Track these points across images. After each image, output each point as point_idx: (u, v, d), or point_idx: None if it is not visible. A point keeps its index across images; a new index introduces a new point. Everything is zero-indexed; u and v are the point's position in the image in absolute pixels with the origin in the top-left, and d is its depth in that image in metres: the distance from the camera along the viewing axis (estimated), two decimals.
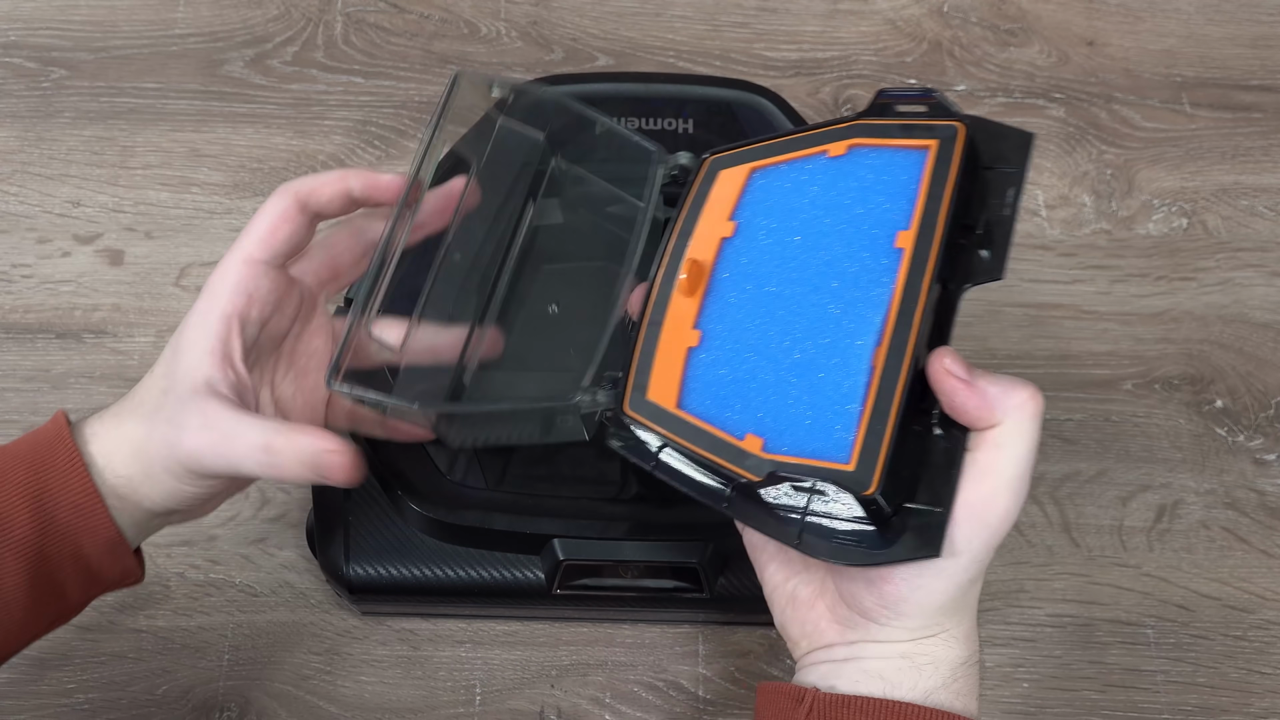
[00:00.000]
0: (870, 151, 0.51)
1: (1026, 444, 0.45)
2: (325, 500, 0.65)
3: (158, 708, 0.66)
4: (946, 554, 0.45)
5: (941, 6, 0.90)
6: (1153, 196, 0.82)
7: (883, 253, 0.49)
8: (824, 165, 0.52)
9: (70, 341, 0.76)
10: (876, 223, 0.50)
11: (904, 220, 0.49)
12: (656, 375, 0.52)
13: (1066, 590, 0.70)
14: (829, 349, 0.49)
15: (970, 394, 0.45)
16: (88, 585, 0.53)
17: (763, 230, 0.53)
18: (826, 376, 0.49)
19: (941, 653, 0.47)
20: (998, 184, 0.49)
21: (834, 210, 0.51)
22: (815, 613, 0.49)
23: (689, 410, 0.51)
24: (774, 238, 0.52)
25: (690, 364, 0.52)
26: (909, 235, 0.49)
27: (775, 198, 0.53)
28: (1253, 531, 0.72)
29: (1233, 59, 0.88)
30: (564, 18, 0.89)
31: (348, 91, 0.85)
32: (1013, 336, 0.77)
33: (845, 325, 0.49)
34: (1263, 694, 0.68)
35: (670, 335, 0.53)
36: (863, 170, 0.51)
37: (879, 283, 0.49)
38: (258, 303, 0.52)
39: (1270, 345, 0.78)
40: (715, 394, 0.51)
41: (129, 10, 0.88)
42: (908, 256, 0.48)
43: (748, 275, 0.52)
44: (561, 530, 0.62)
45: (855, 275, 0.50)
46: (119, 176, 0.82)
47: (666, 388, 0.52)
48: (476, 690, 0.67)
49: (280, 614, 0.69)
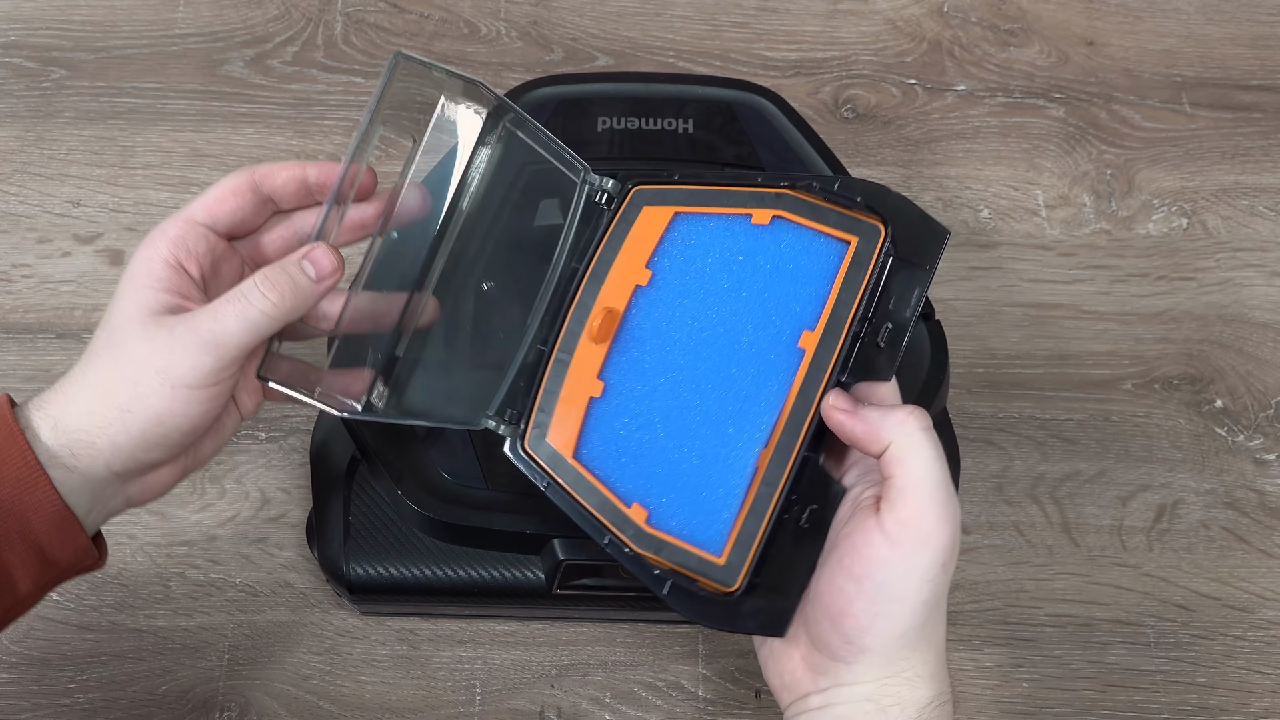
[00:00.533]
0: (793, 230, 0.52)
1: (924, 455, 0.47)
2: (325, 500, 0.65)
3: (158, 708, 0.66)
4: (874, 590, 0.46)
5: (941, 6, 0.90)
6: (1153, 196, 0.82)
7: (786, 349, 0.51)
8: (747, 231, 0.52)
9: (70, 341, 0.76)
10: (785, 316, 0.51)
11: (811, 320, 0.51)
12: (558, 418, 0.54)
13: (1066, 590, 0.70)
14: (721, 439, 0.51)
15: (856, 422, 0.48)
16: (40, 570, 0.50)
17: (677, 288, 0.53)
18: (715, 466, 0.51)
19: (907, 694, 0.47)
20: (907, 282, 0.51)
21: (748, 286, 0.52)
22: (792, 662, 0.50)
23: (584, 461, 0.53)
24: (688, 299, 0.53)
25: (591, 413, 0.53)
26: (813, 337, 0.50)
27: (694, 254, 0.53)
28: (1253, 531, 0.72)
29: (1233, 59, 0.88)
30: (564, 18, 0.89)
31: (348, 91, 0.85)
32: (1013, 336, 0.77)
33: (740, 418, 0.51)
34: (1263, 694, 0.68)
35: (575, 378, 0.54)
36: (783, 249, 0.52)
37: (777, 381, 0.51)
38: (195, 258, 0.52)
39: (1270, 345, 0.78)
40: (611, 450, 0.53)
41: (129, 10, 0.88)
42: (807, 361, 0.50)
43: (657, 333, 0.53)
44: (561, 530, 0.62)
45: (757, 368, 0.51)
46: (119, 176, 0.82)
47: (566, 433, 0.53)
48: (476, 690, 0.67)
49: (280, 614, 0.69)
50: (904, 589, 0.46)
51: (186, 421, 0.50)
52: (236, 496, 0.71)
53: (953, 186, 0.82)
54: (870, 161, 0.83)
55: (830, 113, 0.85)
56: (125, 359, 0.49)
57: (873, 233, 0.51)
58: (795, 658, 0.50)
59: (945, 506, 0.46)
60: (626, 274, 0.54)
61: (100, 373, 0.50)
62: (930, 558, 0.46)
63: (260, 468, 0.72)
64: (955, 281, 0.79)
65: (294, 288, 0.50)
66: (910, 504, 0.46)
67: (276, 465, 0.72)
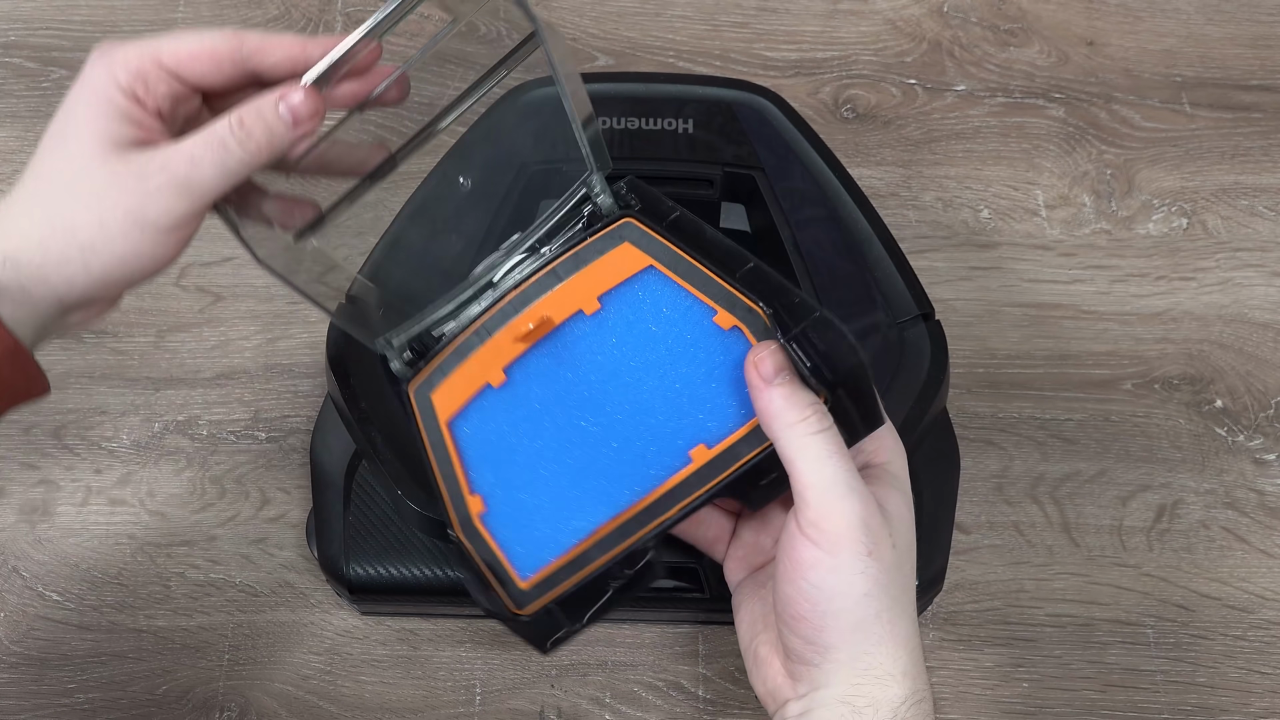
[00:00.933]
0: (746, 348, 0.50)
1: (810, 457, 0.47)
2: (325, 500, 0.65)
3: (158, 708, 0.66)
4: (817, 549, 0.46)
5: (941, 6, 0.90)
6: (1153, 196, 0.82)
7: (677, 450, 0.51)
8: (704, 323, 0.51)
9: (70, 341, 0.76)
10: (695, 420, 0.51)
11: (712, 439, 0.50)
12: (450, 383, 0.54)
13: (1066, 590, 0.70)
14: (580, 488, 0.52)
15: (758, 397, 0.48)
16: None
17: (616, 333, 0.53)
18: (563, 506, 0.52)
19: (879, 693, 0.47)
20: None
21: (680, 372, 0.52)
22: (773, 669, 0.50)
23: (454, 434, 0.53)
24: (621, 349, 0.52)
25: (481, 397, 0.53)
26: (704, 455, 0.50)
27: (647, 312, 0.52)
28: (1253, 531, 0.72)
29: (1233, 59, 0.88)
30: (564, 18, 0.89)
31: None
32: (1013, 336, 0.78)
33: (607, 481, 0.51)
34: (1263, 694, 0.68)
35: (484, 358, 0.54)
36: (728, 358, 0.51)
37: (654, 471, 0.51)
38: (154, 97, 0.48)
39: (1270, 345, 0.78)
40: (481, 438, 0.53)
41: (129, 10, 0.88)
42: (686, 472, 0.51)
43: (576, 364, 0.53)
44: None
45: (646, 448, 0.51)
46: None
47: (450, 400, 0.54)
48: (476, 690, 0.67)
49: (280, 614, 0.69)
50: (838, 583, 0.46)
51: (151, 263, 0.48)
52: (236, 496, 0.71)
53: (953, 186, 0.83)
54: (870, 161, 0.83)
55: (830, 113, 0.85)
56: (89, 193, 0.46)
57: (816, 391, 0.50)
58: (775, 665, 0.50)
59: (845, 502, 0.46)
60: (577, 294, 0.53)
61: (58, 205, 0.47)
62: (850, 551, 0.46)
63: (260, 468, 0.72)
64: (955, 281, 0.79)
65: (269, 134, 0.47)
66: (811, 505, 0.47)
67: (276, 465, 0.72)
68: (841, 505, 0.46)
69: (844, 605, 0.47)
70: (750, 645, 0.52)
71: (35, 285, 0.47)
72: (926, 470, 0.66)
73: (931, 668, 0.68)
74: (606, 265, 0.52)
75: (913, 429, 0.63)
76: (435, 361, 0.54)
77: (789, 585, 0.47)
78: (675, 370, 0.51)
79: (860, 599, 0.47)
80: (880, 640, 0.47)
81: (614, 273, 0.52)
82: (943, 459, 0.68)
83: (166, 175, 0.46)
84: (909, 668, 0.48)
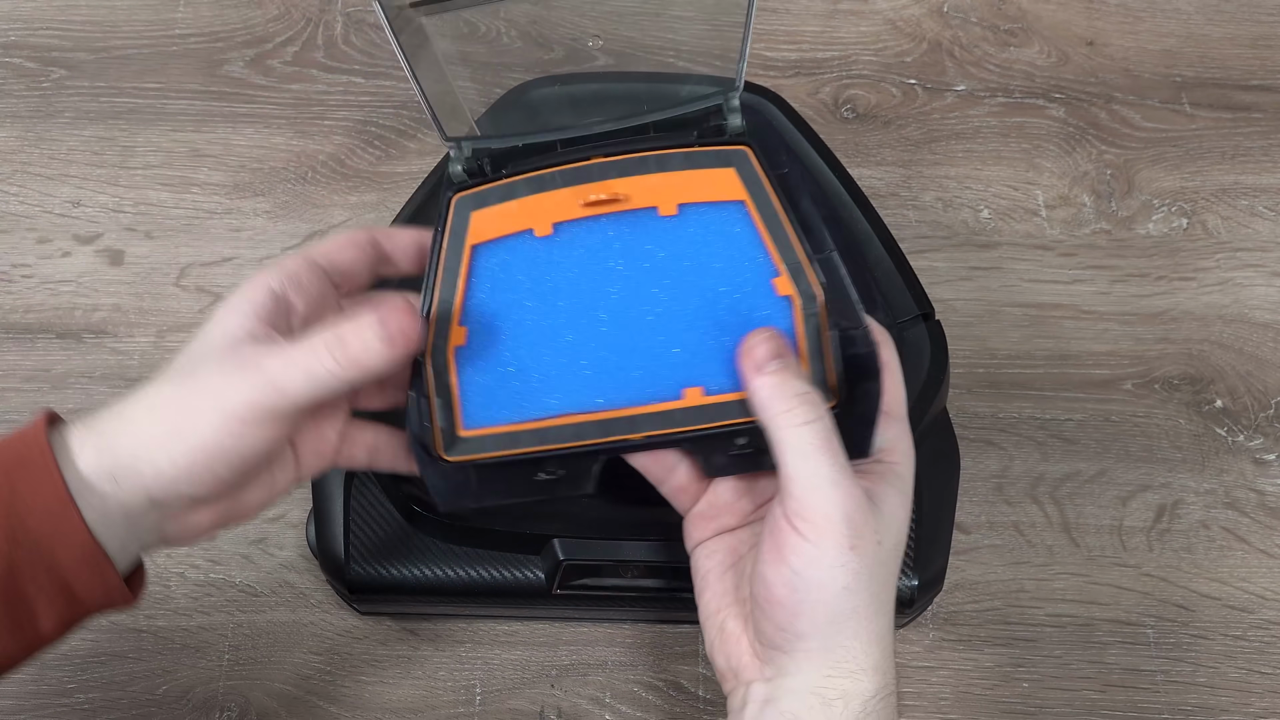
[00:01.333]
0: (790, 317, 0.50)
1: (796, 449, 0.47)
2: (325, 500, 0.65)
3: (158, 708, 0.66)
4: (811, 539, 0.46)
5: (941, 6, 0.90)
6: (1153, 196, 0.82)
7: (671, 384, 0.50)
8: (763, 284, 0.50)
9: (70, 341, 0.76)
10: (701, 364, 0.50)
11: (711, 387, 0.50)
12: (496, 211, 0.52)
13: (1066, 590, 0.70)
14: (567, 372, 0.50)
15: (746, 382, 0.48)
16: (66, 607, 0.47)
17: (675, 250, 0.51)
18: (541, 382, 0.50)
19: (850, 686, 0.47)
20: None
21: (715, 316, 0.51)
22: (740, 646, 0.50)
23: (474, 259, 0.51)
24: (670, 266, 0.51)
25: (517, 238, 0.51)
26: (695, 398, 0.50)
27: (714, 244, 0.51)
28: (1253, 531, 0.72)
29: (1233, 59, 0.88)
30: (564, 18, 0.89)
31: (348, 91, 0.85)
32: (1013, 336, 0.77)
33: (596, 377, 0.50)
34: (1262, 694, 0.68)
35: (543, 203, 0.51)
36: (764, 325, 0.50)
37: (644, 389, 0.50)
38: (304, 295, 0.50)
39: (1270, 345, 0.78)
40: (495, 277, 0.51)
41: (129, 10, 0.88)
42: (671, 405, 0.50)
43: (623, 256, 0.51)
44: (561, 530, 0.62)
45: (646, 366, 0.50)
46: (119, 176, 0.82)
47: (487, 226, 0.51)
48: (476, 690, 0.67)
49: (280, 614, 0.69)
50: (817, 573, 0.47)
51: (235, 458, 0.47)
52: None
53: (953, 186, 0.82)
54: (870, 161, 0.83)
55: (830, 113, 0.85)
56: (190, 380, 0.47)
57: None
58: (744, 644, 0.50)
59: (828, 496, 0.46)
60: (662, 191, 0.50)
61: (161, 392, 0.47)
62: (833, 544, 0.46)
63: None
64: (955, 281, 0.79)
65: (364, 351, 0.47)
66: (796, 496, 0.47)
67: None
68: (824, 499, 0.46)
69: (822, 597, 0.47)
70: (716, 617, 0.52)
71: (125, 474, 0.46)
72: (926, 470, 0.66)
73: (931, 668, 0.68)
74: (703, 179, 0.51)
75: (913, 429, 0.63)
76: (493, 184, 0.52)
77: (770, 569, 0.47)
78: (713, 309, 0.50)
79: (840, 592, 0.47)
80: (855, 634, 0.47)
81: (707, 189, 0.50)
82: (943, 459, 0.68)
83: (259, 369, 0.46)
84: (880, 662, 0.48)
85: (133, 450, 0.46)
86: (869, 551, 0.47)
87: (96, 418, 0.47)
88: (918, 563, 0.64)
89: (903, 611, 0.65)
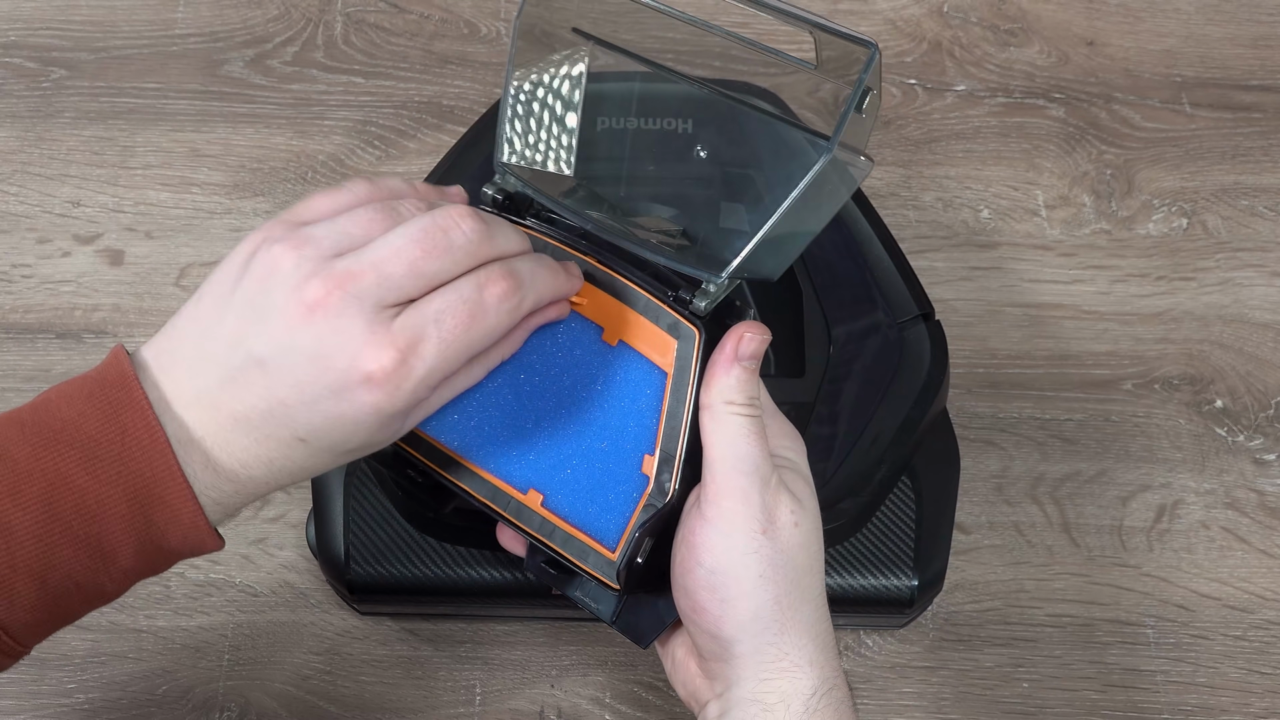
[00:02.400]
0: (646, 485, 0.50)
1: (724, 431, 0.47)
2: (325, 500, 0.65)
3: (158, 708, 0.66)
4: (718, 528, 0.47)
5: (941, 6, 0.90)
6: (1153, 196, 0.82)
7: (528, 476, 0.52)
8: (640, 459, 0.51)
9: (70, 341, 0.76)
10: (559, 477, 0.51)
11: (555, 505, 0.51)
12: None
13: (1066, 590, 0.70)
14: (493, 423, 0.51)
15: (717, 363, 0.48)
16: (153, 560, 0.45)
17: (598, 375, 0.52)
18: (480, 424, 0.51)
19: (789, 686, 0.47)
20: None
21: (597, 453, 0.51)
22: (690, 671, 0.51)
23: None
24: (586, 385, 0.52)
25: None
26: (534, 501, 0.51)
27: (625, 392, 0.51)
28: (1253, 531, 0.72)
29: (1233, 59, 0.88)
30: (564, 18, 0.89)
31: (348, 91, 0.85)
32: (1013, 336, 0.77)
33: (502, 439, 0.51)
34: (1263, 694, 0.68)
35: None
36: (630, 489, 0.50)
37: (519, 471, 0.51)
38: None
39: (1270, 345, 0.78)
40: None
41: (129, 10, 0.88)
42: (519, 497, 0.51)
43: (561, 351, 0.52)
44: None
45: (529, 448, 0.51)
46: (119, 176, 0.82)
47: None
48: (476, 690, 0.67)
49: (280, 614, 0.69)
50: (729, 565, 0.47)
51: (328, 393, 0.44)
52: None
53: (953, 186, 0.83)
54: None
55: (830, 112, 0.85)
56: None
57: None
58: (693, 666, 0.51)
59: (747, 479, 0.47)
60: (615, 320, 0.52)
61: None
62: (743, 527, 0.47)
63: None
64: (955, 281, 0.79)
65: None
66: (714, 481, 0.47)
67: None
68: (742, 481, 0.47)
69: (739, 590, 0.47)
70: (668, 648, 0.52)
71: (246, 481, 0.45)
72: (926, 470, 0.66)
73: (931, 668, 0.68)
74: (650, 333, 0.51)
75: (913, 429, 0.63)
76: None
77: (688, 576, 0.47)
78: (583, 440, 0.51)
79: (756, 581, 0.47)
80: (783, 629, 0.47)
81: (647, 344, 0.51)
82: (943, 459, 0.68)
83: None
84: (815, 656, 0.48)
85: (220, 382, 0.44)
86: (783, 537, 0.47)
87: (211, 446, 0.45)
88: (918, 563, 0.64)
89: (903, 611, 0.66)
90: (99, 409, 0.44)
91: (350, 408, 0.43)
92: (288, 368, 0.43)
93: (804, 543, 0.48)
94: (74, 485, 0.43)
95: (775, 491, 0.48)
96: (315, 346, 0.42)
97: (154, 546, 0.44)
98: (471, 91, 0.85)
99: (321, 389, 0.43)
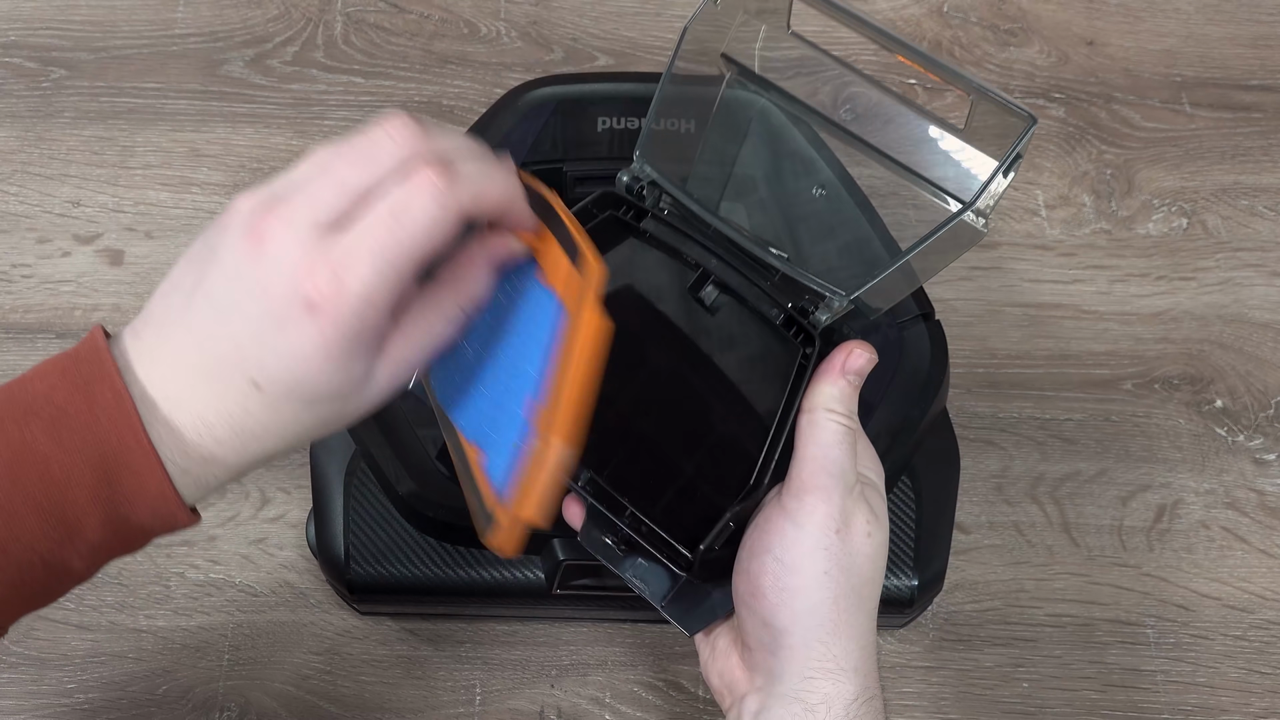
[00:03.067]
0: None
1: (820, 433, 0.49)
2: (325, 500, 0.65)
3: (158, 708, 0.66)
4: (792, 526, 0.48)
5: (941, 6, 0.90)
6: (1153, 196, 0.82)
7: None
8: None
9: (70, 341, 0.76)
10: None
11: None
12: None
13: (1066, 590, 0.70)
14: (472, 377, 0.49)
15: (826, 373, 0.50)
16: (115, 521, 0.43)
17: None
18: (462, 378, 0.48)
19: (832, 689, 0.47)
20: None
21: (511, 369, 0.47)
22: (731, 661, 0.51)
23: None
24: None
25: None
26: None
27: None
28: (1253, 531, 0.72)
29: (1233, 59, 0.88)
30: (564, 18, 0.89)
31: (348, 91, 0.85)
32: (1013, 336, 0.77)
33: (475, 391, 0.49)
34: (1263, 694, 0.68)
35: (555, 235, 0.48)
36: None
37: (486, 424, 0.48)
38: None
39: (1270, 345, 0.78)
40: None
41: (129, 10, 0.88)
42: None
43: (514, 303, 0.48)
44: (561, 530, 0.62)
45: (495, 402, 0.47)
46: (119, 176, 0.82)
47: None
48: (476, 690, 0.67)
49: (280, 614, 0.69)
50: (798, 557, 0.47)
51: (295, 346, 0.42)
52: (236, 496, 0.71)
53: None
54: (870, 160, 0.83)
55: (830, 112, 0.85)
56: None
57: None
58: (734, 658, 0.51)
59: (833, 480, 0.48)
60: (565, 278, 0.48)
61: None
62: (819, 523, 0.47)
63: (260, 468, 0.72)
64: (955, 281, 0.79)
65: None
66: (802, 475, 0.48)
67: (276, 465, 0.72)
68: (827, 481, 0.48)
69: (802, 581, 0.47)
70: (709, 636, 0.53)
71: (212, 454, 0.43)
72: (926, 470, 0.66)
73: (931, 668, 0.68)
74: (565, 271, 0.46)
75: (913, 429, 0.63)
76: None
77: (753, 560, 0.48)
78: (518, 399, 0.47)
79: (819, 576, 0.47)
80: (835, 629, 0.48)
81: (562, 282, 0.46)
82: (943, 459, 0.68)
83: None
84: (861, 664, 0.48)
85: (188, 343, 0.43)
86: (855, 542, 0.48)
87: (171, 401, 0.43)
88: (918, 563, 0.64)
89: (903, 611, 0.66)
90: (70, 381, 0.43)
91: (296, 337, 0.41)
92: (234, 303, 0.42)
93: (872, 555, 0.49)
94: (39, 454, 0.42)
95: (856, 500, 0.49)
96: (256, 276, 0.41)
97: (121, 518, 0.43)
98: (471, 91, 0.85)
99: (267, 321, 0.41)
